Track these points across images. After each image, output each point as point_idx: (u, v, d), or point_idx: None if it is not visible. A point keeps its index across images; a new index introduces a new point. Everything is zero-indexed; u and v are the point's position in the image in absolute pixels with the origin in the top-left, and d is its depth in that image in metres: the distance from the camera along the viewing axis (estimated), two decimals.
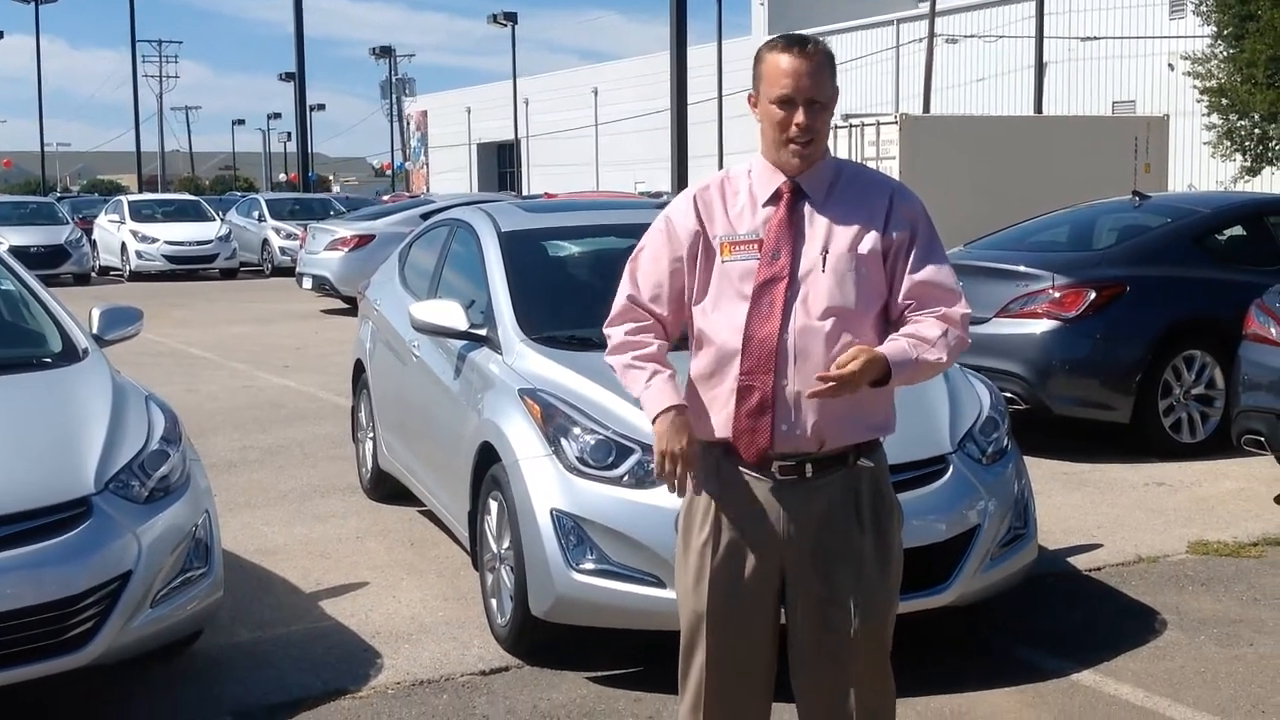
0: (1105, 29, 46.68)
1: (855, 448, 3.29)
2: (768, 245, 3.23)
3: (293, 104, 44.22)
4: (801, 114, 3.19)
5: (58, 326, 5.94)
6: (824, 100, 3.21)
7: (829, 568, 3.26)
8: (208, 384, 12.91)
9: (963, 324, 3.26)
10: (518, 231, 6.65)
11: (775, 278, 3.21)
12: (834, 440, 3.24)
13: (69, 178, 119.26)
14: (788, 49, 3.20)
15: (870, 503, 3.30)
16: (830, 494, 3.27)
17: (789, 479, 3.25)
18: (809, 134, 3.20)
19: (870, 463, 3.32)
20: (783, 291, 3.20)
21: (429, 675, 5.15)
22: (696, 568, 3.33)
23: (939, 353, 3.21)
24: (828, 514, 3.26)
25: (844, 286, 3.21)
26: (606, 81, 72.60)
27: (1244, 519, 7.41)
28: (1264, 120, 28.76)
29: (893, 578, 3.35)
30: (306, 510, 7.76)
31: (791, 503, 3.26)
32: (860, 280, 3.22)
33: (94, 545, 4.54)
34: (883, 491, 3.35)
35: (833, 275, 3.20)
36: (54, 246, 26.81)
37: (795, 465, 3.24)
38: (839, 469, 3.27)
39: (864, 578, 3.27)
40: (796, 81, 3.17)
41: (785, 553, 3.28)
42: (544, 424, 5.26)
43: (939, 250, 3.31)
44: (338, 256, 20.03)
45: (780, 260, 3.22)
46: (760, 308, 3.21)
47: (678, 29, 23.59)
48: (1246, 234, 10.08)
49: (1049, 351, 8.96)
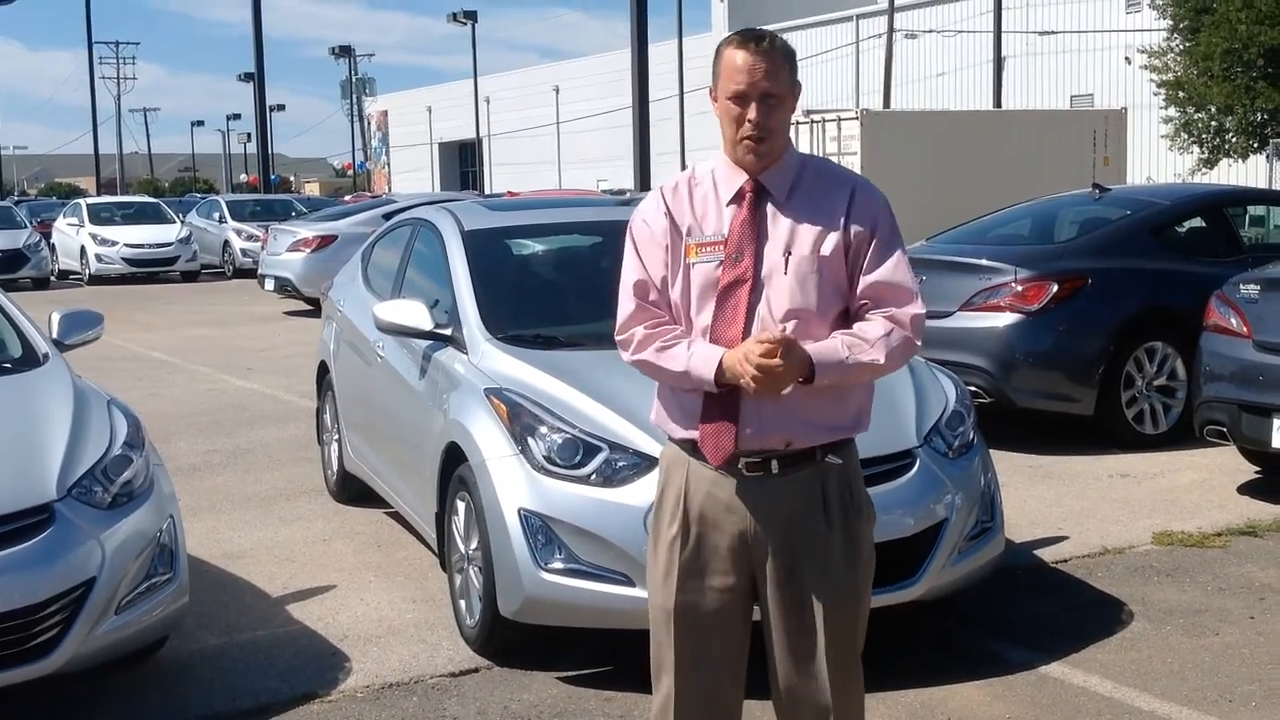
0: (1063, 23, 46.95)
1: (823, 445, 3.26)
2: (730, 246, 3.21)
3: (252, 104, 43.96)
4: (754, 110, 3.16)
5: (16, 331, 5.88)
6: (779, 95, 3.17)
7: (797, 565, 3.25)
8: (170, 388, 12.83)
9: (912, 325, 3.20)
10: (481, 230, 6.62)
11: (738, 280, 3.19)
12: (801, 441, 3.22)
13: (26, 181, 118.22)
14: (743, 45, 3.17)
15: (839, 500, 3.28)
16: (797, 491, 3.25)
17: (755, 475, 3.24)
18: (762, 131, 3.16)
19: (839, 459, 3.29)
20: (746, 294, 3.18)
21: (398, 678, 5.13)
22: (665, 562, 3.32)
23: (876, 354, 3.15)
24: (795, 511, 3.25)
25: (805, 288, 3.18)
26: (568, 79, 72.53)
27: (1208, 509, 7.47)
28: (1220, 113, 29.00)
29: (862, 576, 3.33)
30: (272, 513, 7.71)
31: (759, 499, 3.24)
32: (822, 282, 3.19)
33: (56, 552, 4.49)
34: (853, 489, 3.33)
35: (794, 277, 3.18)
36: (12, 251, 26.52)
37: (761, 462, 3.23)
38: (806, 465, 3.25)
39: (831, 575, 3.25)
40: (751, 77, 3.14)
41: (753, 549, 3.26)
42: (510, 423, 5.24)
43: (897, 248, 3.26)
44: (300, 258, 19.93)
45: (743, 262, 3.19)
46: (724, 311, 3.19)
47: (638, 26, 23.61)
48: (1206, 226, 10.16)
49: (1012, 344, 9.00)
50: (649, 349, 3.26)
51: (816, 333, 3.17)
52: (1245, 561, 6.47)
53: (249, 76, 52.46)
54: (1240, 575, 6.26)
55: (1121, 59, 43.78)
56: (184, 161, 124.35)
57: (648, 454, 4.94)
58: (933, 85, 51.03)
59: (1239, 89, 27.93)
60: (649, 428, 4.98)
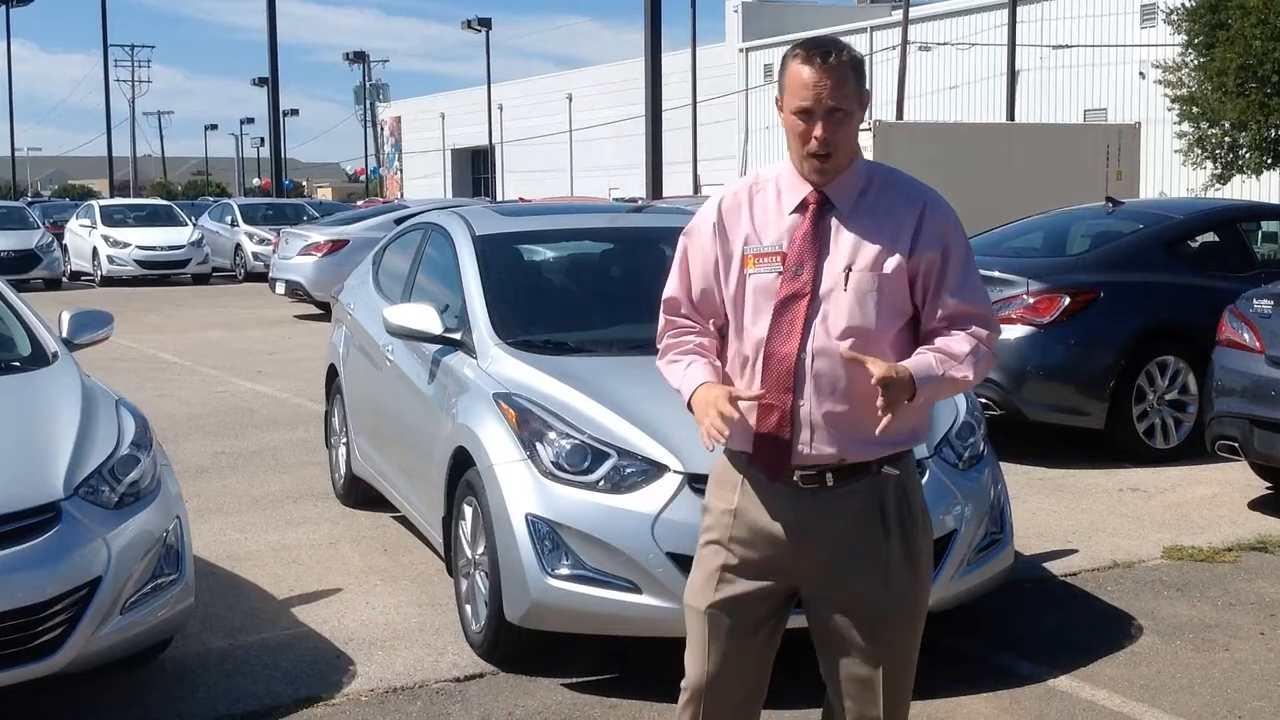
0: (1077, 37, 46.92)
1: (880, 457, 3.20)
2: (791, 259, 3.14)
3: (266, 109, 44.06)
4: (820, 127, 3.09)
5: (26, 330, 5.88)
6: (846, 109, 3.10)
7: (851, 578, 3.18)
8: (179, 389, 12.83)
9: (991, 343, 3.19)
10: (492, 235, 6.62)
11: (797, 294, 3.12)
12: (854, 457, 3.16)
13: (40, 182, 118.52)
14: (809, 59, 3.09)
15: (896, 511, 3.20)
16: (854, 502, 3.18)
17: (810, 488, 3.17)
18: (827, 147, 3.10)
19: (895, 470, 3.20)
20: (804, 309, 3.11)
21: (403, 682, 5.11)
22: (708, 567, 3.28)
23: (966, 370, 3.13)
24: (851, 523, 3.18)
25: (865, 306, 3.11)
26: (580, 88, 72.63)
27: (1218, 524, 7.43)
28: (1234, 128, 28.93)
29: (920, 589, 3.25)
30: (279, 516, 7.70)
31: (813, 511, 3.17)
32: (882, 300, 3.12)
33: (63, 551, 4.49)
34: (910, 500, 3.24)
35: (854, 294, 3.11)
36: (24, 251, 26.61)
37: (816, 474, 3.16)
38: (863, 477, 3.18)
39: (888, 587, 3.18)
40: (817, 93, 3.07)
41: (805, 562, 3.20)
42: (519, 428, 5.22)
43: (971, 269, 3.21)
44: (311, 261, 19.96)
45: (803, 276, 3.12)
46: (780, 325, 3.13)
47: (653, 35, 23.59)
48: (1219, 240, 10.12)
49: (1023, 357, 8.97)
50: (663, 360, 3.33)
51: (875, 351, 3.08)
52: (1256, 577, 6.44)
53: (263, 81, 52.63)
54: (1251, 591, 6.22)
55: (1135, 73, 43.75)
56: (197, 165, 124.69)
57: (656, 461, 4.92)
58: (946, 98, 51.01)
59: (1253, 105, 27.88)
60: (658, 434, 4.99)
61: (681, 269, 3.35)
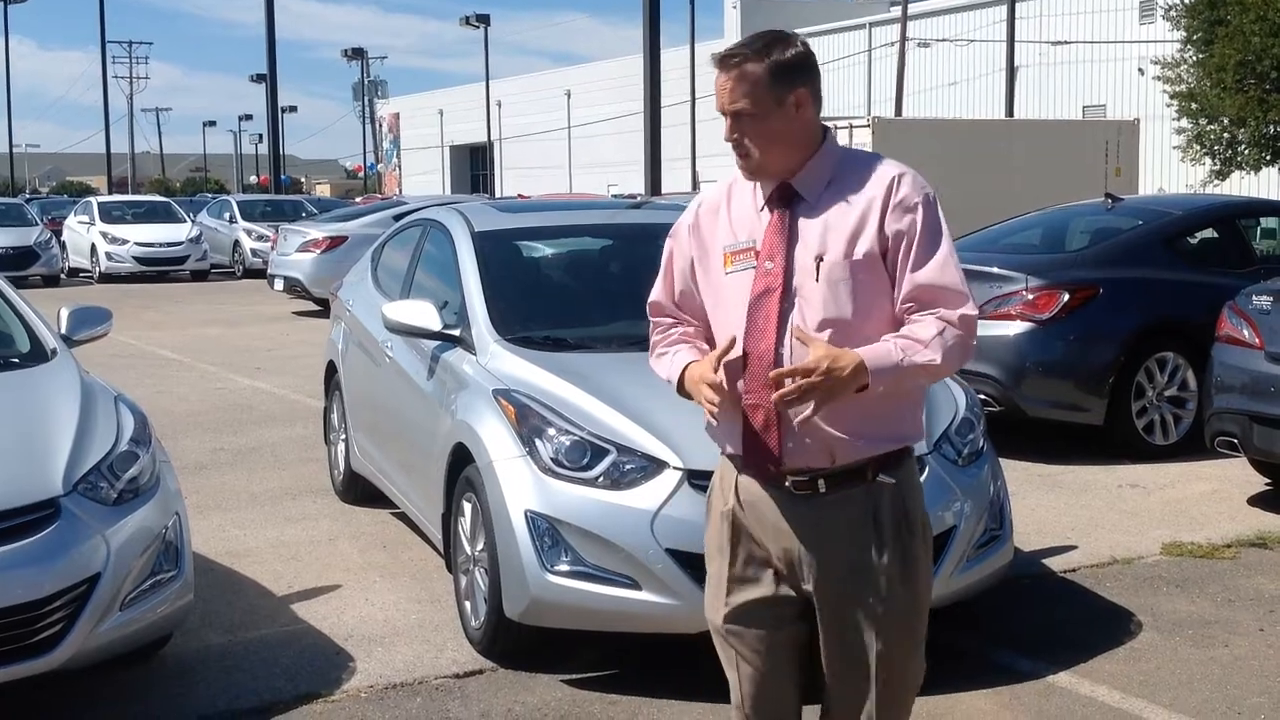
0: (1076, 33, 46.90)
1: (874, 462, 3.11)
2: (763, 253, 3.10)
3: (264, 106, 44.04)
4: (727, 129, 3.11)
5: (25, 326, 5.87)
6: (751, 111, 3.06)
7: (848, 587, 3.13)
8: (178, 385, 12.82)
9: (963, 325, 3.01)
10: (491, 231, 6.61)
11: (769, 289, 3.07)
12: (845, 456, 3.08)
13: (38, 179, 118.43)
14: (717, 62, 3.11)
15: (891, 519, 3.13)
16: (848, 511, 3.11)
17: (803, 494, 3.12)
18: (739, 148, 3.10)
19: (891, 479, 3.12)
20: (777, 303, 3.05)
21: (402, 679, 5.11)
22: (715, 576, 3.26)
23: (931, 354, 2.97)
24: (844, 531, 3.11)
25: (839, 296, 3.02)
26: (579, 84, 72.55)
27: (1217, 520, 7.43)
28: (1233, 124, 28.90)
29: (917, 599, 3.19)
30: (278, 512, 7.70)
31: (806, 518, 3.12)
32: (857, 288, 3.02)
33: (61, 547, 4.48)
34: (909, 508, 3.16)
35: (826, 285, 3.03)
36: (23, 248, 26.59)
37: (808, 480, 3.10)
38: (858, 485, 3.11)
39: (884, 597, 3.13)
40: (719, 98, 3.10)
41: (802, 568, 3.15)
42: (518, 425, 5.22)
43: (942, 245, 3.07)
44: (310, 258, 19.95)
45: (774, 269, 3.07)
46: (756, 322, 3.07)
47: (651, 32, 23.59)
48: (1218, 236, 10.13)
49: (1023, 353, 8.97)
50: (652, 357, 3.35)
51: (856, 344, 2.99)
52: (1255, 573, 6.44)
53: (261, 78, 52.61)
54: (1250, 587, 6.22)
55: (1134, 70, 43.71)
56: (195, 161, 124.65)
57: (656, 457, 4.92)
58: (945, 94, 50.97)
59: (1252, 101, 27.86)
60: (657, 431, 4.99)
61: (666, 272, 3.35)
